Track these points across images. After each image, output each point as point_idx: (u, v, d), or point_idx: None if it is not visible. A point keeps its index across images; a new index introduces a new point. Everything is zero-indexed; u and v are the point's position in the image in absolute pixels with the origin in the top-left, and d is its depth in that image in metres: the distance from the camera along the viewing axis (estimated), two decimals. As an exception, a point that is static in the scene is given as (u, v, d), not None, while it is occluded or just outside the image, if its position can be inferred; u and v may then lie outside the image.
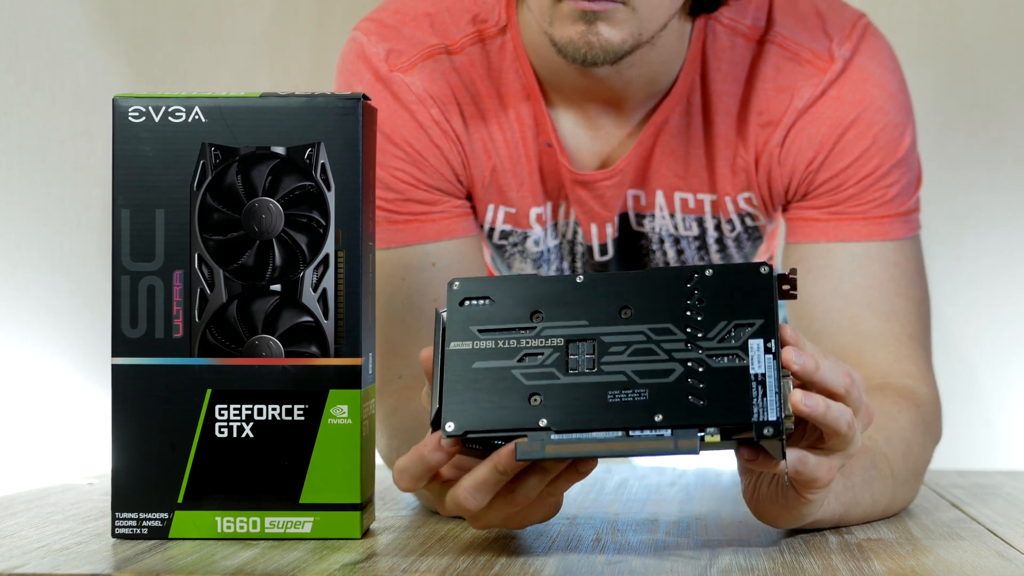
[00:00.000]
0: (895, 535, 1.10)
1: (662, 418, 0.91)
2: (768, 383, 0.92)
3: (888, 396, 1.23)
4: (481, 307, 0.96)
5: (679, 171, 1.36)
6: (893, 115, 1.32)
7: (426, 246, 1.32)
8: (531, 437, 0.92)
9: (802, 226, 1.34)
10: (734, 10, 1.33)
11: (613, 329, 0.94)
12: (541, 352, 0.94)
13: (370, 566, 0.95)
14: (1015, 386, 2.10)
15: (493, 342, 0.95)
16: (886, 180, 1.32)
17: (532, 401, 0.93)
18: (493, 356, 0.95)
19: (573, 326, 0.95)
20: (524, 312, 0.96)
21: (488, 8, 1.34)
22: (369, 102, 1.05)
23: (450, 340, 0.96)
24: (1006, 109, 2.09)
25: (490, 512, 0.97)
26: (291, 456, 1.03)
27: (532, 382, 0.94)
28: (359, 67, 1.33)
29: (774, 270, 0.95)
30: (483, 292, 0.97)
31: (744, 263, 0.96)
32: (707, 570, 0.95)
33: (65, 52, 1.66)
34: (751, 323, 0.93)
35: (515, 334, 0.95)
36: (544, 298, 0.96)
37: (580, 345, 0.94)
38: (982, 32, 2.07)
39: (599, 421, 0.92)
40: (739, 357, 0.92)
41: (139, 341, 1.03)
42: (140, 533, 1.03)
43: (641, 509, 1.21)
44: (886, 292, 1.30)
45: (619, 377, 0.93)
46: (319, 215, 1.03)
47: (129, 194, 1.03)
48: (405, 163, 1.31)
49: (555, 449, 0.91)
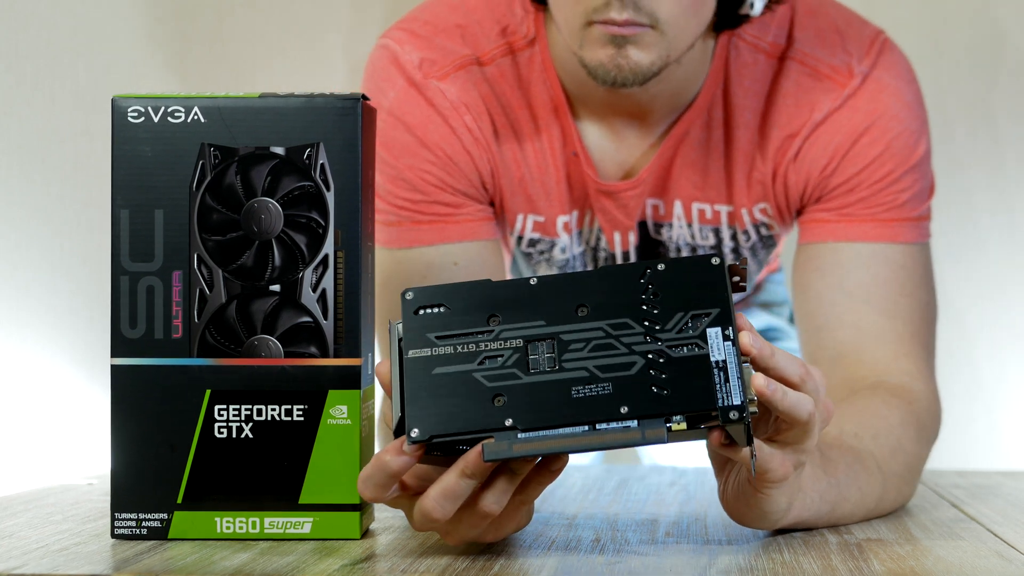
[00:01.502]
0: (895, 535, 1.10)
1: (628, 410, 0.91)
2: (730, 369, 0.92)
3: (879, 395, 1.23)
4: (437, 315, 0.96)
5: (698, 182, 1.37)
6: (908, 123, 1.33)
7: (448, 246, 1.33)
8: (497, 437, 0.92)
9: (813, 227, 1.35)
10: (756, 27, 1.35)
11: (571, 327, 0.94)
12: (501, 354, 0.94)
13: (369, 567, 0.95)
14: (1015, 386, 2.10)
15: (452, 347, 0.95)
16: (898, 185, 1.32)
17: (496, 402, 0.93)
18: (453, 361, 0.94)
19: (531, 327, 0.95)
20: (480, 317, 0.95)
21: (517, 20, 1.35)
22: (368, 102, 1.05)
23: (407, 349, 0.95)
24: (1007, 109, 2.09)
25: (461, 525, 0.96)
26: (290, 456, 1.03)
27: (494, 384, 0.93)
28: (392, 72, 1.34)
29: (725, 261, 0.95)
30: (437, 300, 0.96)
31: (695, 255, 0.96)
32: (707, 570, 0.95)
33: (65, 52, 1.66)
34: (708, 312, 0.94)
35: (473, 338, 0.95)
36: (499, 302, 0.96)
37: (539, 345, 0.94)
38: (983, 32, 2.07)
39: (565, 416, 0.92)
40: (698, 346, 0.93)
41: (138, 341, 1.03)
42: (139, 534, 1.03)
43: (641, 509, 1.21)
44: (889, 291, 1.31)
45: (581, 373, 0.93)
46: (318, 215, 1.03)
47: (128, 194, 1.03)
48: (434, 166, 1.33)
49: (523, 447, 0.91)
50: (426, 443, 0.92)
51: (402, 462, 0.93)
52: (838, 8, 1.38)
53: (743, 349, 0.92)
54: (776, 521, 1.03)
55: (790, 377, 0.95)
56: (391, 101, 1.33)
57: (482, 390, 0.93)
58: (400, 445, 0.92)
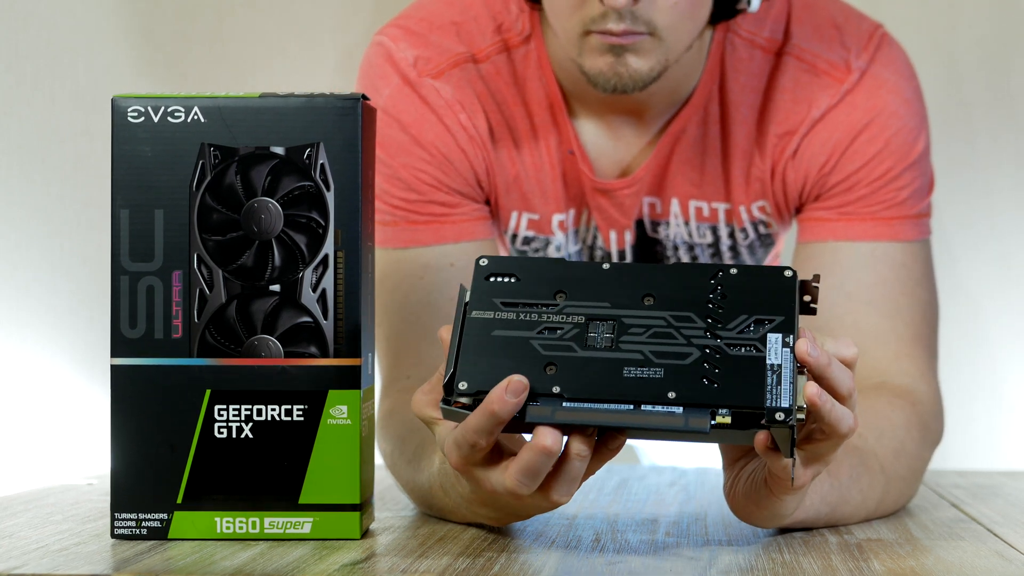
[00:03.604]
0: (895, 535, 1.10)
1: (675, 396, 0.93)
2: (784, 374, 0.93)
3: (883, 396, 1.23)
4: (506, 284, 0.98)
5: (695, 180, 1.37)
6: (907, 120, 1.33)
7: (445, 247, 1.33)
8: (542, 402, 0.93)
9: (812, 226, 1.35)
10: (752, 23, 1.34)
11: (634, 313, 0.96)
12: (561, 327, 0.96)
13: (369, 566, 0.95)
14: (1016, 386, 2.09)
15: (515, 314, 0.97)
16: (897, 183, 1.32)
17: (547, 371, 0.94)
18: (513, 327, 0.96)
19: (595, 307, 0.97)
20: (548, 291, 0.97)
21: (512, 17, 1.35)
22: (368, 102, 1.05)
23: (472, 309, 0.97)
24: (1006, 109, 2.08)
25: (527, 504, 0.97)
26: (290, 456, 1.03)
27: (549, 352, 0.95)
28: (386, 70, 1.34)
29: (798, 274, 0.97)
30: (509, 270, 0.99)
31: (770, 266, 0.97)
32: (707, 570, 0.95)
33: (65, 52, 1.66)
34: (771, 319, 0.95)
35: (537, 309, 0.97)
36: (569, 280, 0.98)
37: (600, 324, 0.96)
38: (982, 32, 2.06)
39: (612, 393, 0.93)
40: (756, 348, 0.94)
41: (138, 341, 1.03)
42: (139, 534, 1.03)
43: (641, 509, 1.21)
44: (890, 291, 1.30)
45: (636, 355, 0.94)
46: (318, 215, 1.03)
47: (128, 194, 1.03)
48: (430, 165, 1.32)
49: (565, 415, 0.93)
50: (473, 396, 0.94)
51: (509, 407, 0.92)
52: (835, 2, 1.38)
53: (799, 356, 0.93)
54: (781, 521, 1.03)
55: (840, 390, 0.95)
56: (385, 99, 1.33)
57: (536, 356, 0.95)
58: (502, 393, 0.92)
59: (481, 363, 0.95)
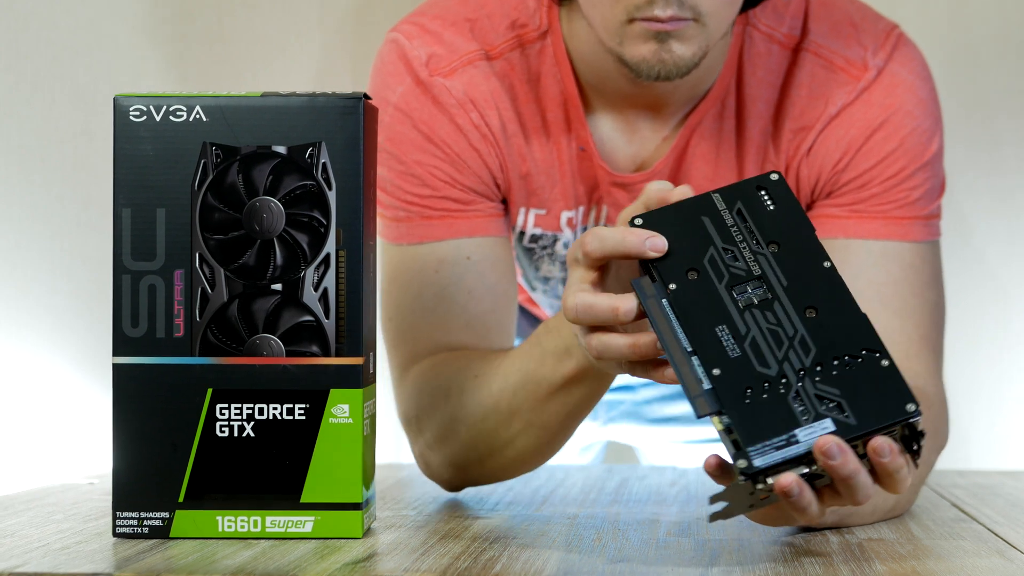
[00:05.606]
0: (896, 535, 1.10)
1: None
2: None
3: None
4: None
5: (708, 174, 1.37)
6: (922, 120, 1.33)
7: (461, 240, 1.32)
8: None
9: (823, 222, 1.35)
10: (771, 18, 1.34)
11: (789, 314, 0.97)
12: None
13: (371, 565, 0.95)
14: (1016, 386, 2.09)
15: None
16: (910, 182, 1.32)
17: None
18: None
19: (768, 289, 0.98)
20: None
21: (529, 13, 1.35)
22: (370, 101, 1.05)
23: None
24: (1007, 109, 2.09)
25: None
26: (292, 455, 1.03)
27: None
28: (399, 69, 1.33)
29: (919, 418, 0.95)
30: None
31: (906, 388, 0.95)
32: (707, 570, 0.95)
33: (65, 52, 1.66)
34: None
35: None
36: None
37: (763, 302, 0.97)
38: (982, 32, 2.07)
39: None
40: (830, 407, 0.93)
41: (140, 340, 1.03)
42: (141, 532, 1.03)
43: (641, 509, 1.21)
44: (900, 291, 1.30)
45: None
46: (320, 214, 1.03)
47: (130, 193, 1.03)
48: (443, 162, 1.32)
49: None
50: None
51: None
52: (853, 1, 1.38)
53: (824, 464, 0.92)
54: (793, 524, 1.03)
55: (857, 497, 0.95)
56: (398, 98, 1.33)
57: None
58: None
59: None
